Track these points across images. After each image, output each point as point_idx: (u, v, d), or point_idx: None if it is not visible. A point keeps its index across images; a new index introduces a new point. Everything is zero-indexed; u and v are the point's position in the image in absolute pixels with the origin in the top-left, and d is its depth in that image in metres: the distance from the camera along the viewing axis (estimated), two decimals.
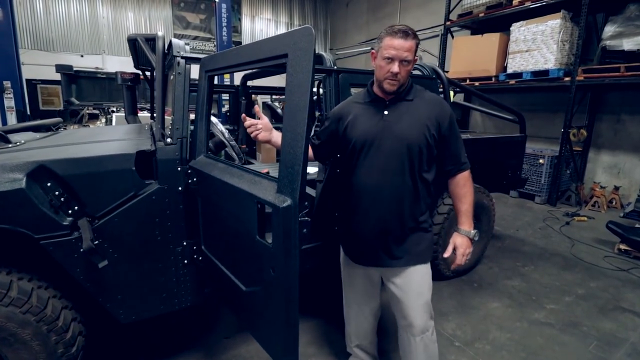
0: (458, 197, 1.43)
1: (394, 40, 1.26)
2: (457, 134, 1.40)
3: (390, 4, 9.62)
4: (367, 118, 1.38)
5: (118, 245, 1.34)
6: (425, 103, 1.37)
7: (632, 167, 5.33)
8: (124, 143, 1.56)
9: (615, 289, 2.87)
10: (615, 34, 4.49)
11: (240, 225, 1.14)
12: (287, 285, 0.93)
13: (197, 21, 10.40)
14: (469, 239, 1.41)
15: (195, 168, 1.40)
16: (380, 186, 1.35)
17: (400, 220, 1.37)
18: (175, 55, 1.38)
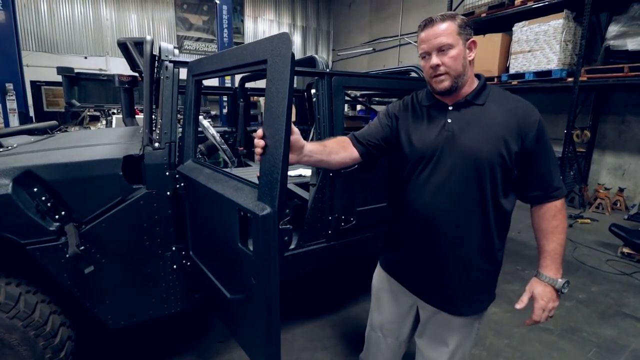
0: (544, 233, 1.08)
1: (422, 33, 1.06)
2: (547, 149, 1.05)
3: (393, 5, 9.59)
4: (426, 127, 1.12)
5: (105, 250, 1.34)
6: (503, 108, 1.06)
7: (637, 168, 5.24)
8: (113, 147, 1.55)
9: (617, 293, 2.82)
10: (619, 33, 4.42)
11: (224, 232, 1.12)
12: (268, 294, 0.91)
13: (200, 23, 10.45)
14: (554, 290, 1.07)
15: (182, 173, 1.40)
16: (437, 211, 1.08)
17: (459, 258, 1.09)
18: (163, 59, 1.38)
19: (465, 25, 1.05)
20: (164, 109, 1.38)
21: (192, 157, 1.45)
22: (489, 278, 1.14)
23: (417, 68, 2.39)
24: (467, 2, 6.17)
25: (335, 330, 2.23)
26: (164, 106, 1.38)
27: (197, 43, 10.56)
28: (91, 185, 1.28)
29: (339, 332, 2.21)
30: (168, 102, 1.39)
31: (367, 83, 1.90)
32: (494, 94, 1.10)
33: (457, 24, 1.03)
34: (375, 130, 1.23)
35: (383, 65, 9.78)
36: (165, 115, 1.39)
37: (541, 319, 1.09)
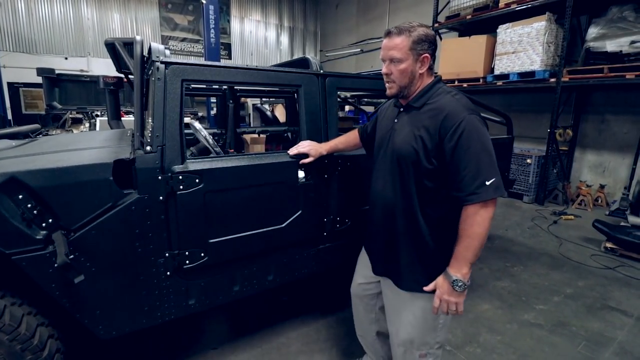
0: (458, 233, 1.14)
1: (383, 40, 1.21)
2: (466, 152, 1.08)
3: (380, 6, 9.67)
4: (384, 124, 1.37)
5: (95, 258, 1.29)
6: (432, 111, 1.16)
7: (616, 165, 5.44)
8: (102, 151, 1.50)
9: (602, 287, 2.91)
10: (598, 35, 4.58)
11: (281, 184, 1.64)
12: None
13: (185, 23, 10.28)
14: (449, 285, 1.14)
15: (202, 169, 1.44)
16: (381, 197, 1.32)
17: (392, 238, 1.29)
18: (154, 60, 1.34)
19: (420, 41, 1.15)
20: (155, 111, 1.34)
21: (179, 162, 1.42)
22: (420, 260, 1.23)
23: None
24: (452, 4, 6.27)
25: (331, 332, 2.22)
26: (155, 109, 1.34)
27: (183, 43, 10.38)
28: (80, 191, 1.23)
29: (335, 334, 2.20)
30: (159, 105, 1.35)
31: (360, 84, 1.91)
32: (437, 97, 1.19)
33: (411, 40, 1.14)
34: (370, 130, 1.54)
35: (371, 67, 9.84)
36: (157, 118, 1.35)
37: (439, 307, 1.18)
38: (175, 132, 1.39)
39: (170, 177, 1.38)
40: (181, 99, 1.39)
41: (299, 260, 1.87)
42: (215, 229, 1.53)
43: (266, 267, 1.77)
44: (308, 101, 1.72)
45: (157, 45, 1.36)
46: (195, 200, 1.44)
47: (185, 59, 1.69)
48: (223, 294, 1.64)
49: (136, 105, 1.30)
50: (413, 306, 1.29)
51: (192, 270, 1.51)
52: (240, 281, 1.69)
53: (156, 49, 1.35)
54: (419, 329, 1.29)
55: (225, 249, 1.57)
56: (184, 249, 1.47)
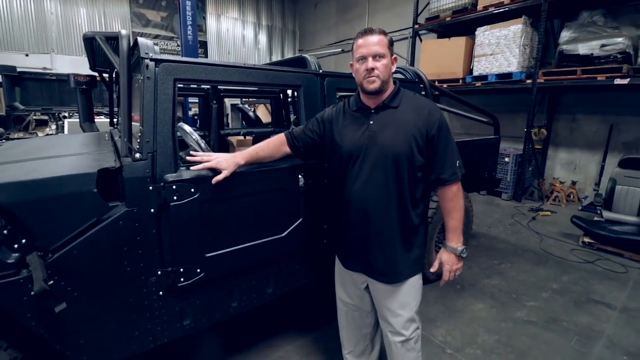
0: (445, 212, 1.36)
1: (360, 39, 1.26)
2: (446, 141, 1.30)
3: (359, 6, 9.69)
4: (353, 128, 1.34)
5: (78, 282, 1.14)
6: (412, 109, 1.29)
7: (586, 163, 5.73)
8: (81, 159, 1.34)
9: (585, 281, 3.02)
10: (570, 39, 4.78)
11: (282, 191, 1.52)
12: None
13: (158, 19, 9.83)
14: (455, 256, 1.36)
15: (197, 177, 1.31)
16: (367, 199, 1.30)
17: (387, 234, 1.31)
18: (143, 57, 1.20)
19: (392, 44, 1.30)
20: (145, 114, 1.21)
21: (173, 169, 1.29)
22: (412, 249, 1.35)
23: (402, 69, 2.38)
24: (432, 6, 6.36)
25: (330, 341, 2.14)
26: (144, 111, 1.21)
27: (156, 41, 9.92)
28: (59, 206, 1.08)
29: (334, 343, 2.11)
30: (149, 107, 1.22)
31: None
32: (406, 97, 1.33)
33: (387, 40, 1.27)
34: (304, 136, 1.48)
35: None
36: (147, 122, 1.21)
37: (449, 278, 1.38)
38: (168, 137, 1.26)
39: (163, 187, 1.25)
40: (173, 100, 1.26)
41: (299, 269, 1.78)
42: (212, 241, 1.41)
43: (265, 280, 1.67)
44: (308, 102, 1.64)
45: (145, 41, 1.23)
46: (190, 212, 1.32)
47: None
48: (220, 311, 1.53)
49: (123, 107, 1.16)
50: (407, 294, 1.38)
51: (188, 288, 1.39)
52: (238, 296, 1.58)
53: (144, 45, 1.21)
54: (411, 315, 1.40)
55: (223, 263, 1.45)
56: (178, 265, 1.34)
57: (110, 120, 2.85)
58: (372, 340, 1.60)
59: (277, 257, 1.65)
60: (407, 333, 1.41)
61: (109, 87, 2.66)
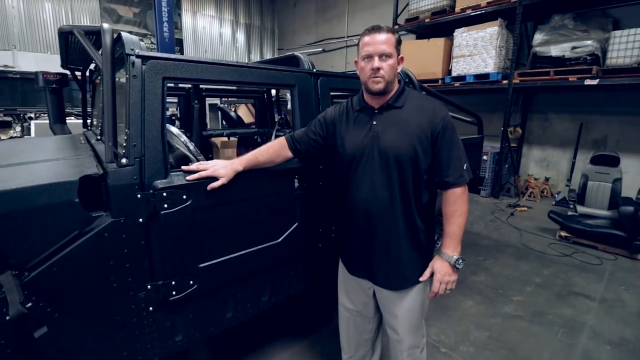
0: (445, 216, 1.27)
1: (367, 37, 1.21)
2: (451, 142, 1.23)
3: (339, 6, 9.69)
4: (356, 129, 1.29)
5: (60, 302, 1.03)
6: (416, 109, 1.24)
7: (558, 160, 6.00)
8: (58, 165, 1.22)
9: (565, 274, 3.14)
10: (543, 41, 4.99)
11: (277, 195, 1.46)
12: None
13: (130, 15, 9.39)
14: (450, 266, 1.25)
15: (190, 183, 1.22)
16: (371, 202, 1.25)
17: (392, 240, 1.27)
18: (128, 53, 1.10)
19: (399, 43, 1.25)
20: (131, 116, 1.11)
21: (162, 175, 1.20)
22: (418, 254, 1.30)
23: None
24: (411, 7, 6.45)
25: (325, 346, 2.10)
26: (131, 113, 1.11)
27: None
28: (35, 220, 0.97)
29: (330, 347, 2.08)
30: (136, 108, 1.12)
31: (352, 85, 1.80)
32: (411, 97, 1.29)
33: (395, 39, 1.22)
34: (307, 138, 1.43)
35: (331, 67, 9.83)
36: (134, 124, 1.12)
37: (439, 291, 1.27)
38: (157, 141, 1.17)
39: (152, 194, 1.16)
40: (162, 100, 1.17)
41: (295, 276, 1.73)
42: (205, 251, 1.33)
43: (260, 288, 1.60)
44: (302, 102, 1.58)
45: (130, 36, 1.13)
46: (182, 220, 1.23)
47: None
48: (214, 323, 1.45)
49: (107, 107, 1.06)
50: (412, 301, 1.33)
51: (180, 301, 1.30)
52: (233, 307, 1.50)
53: (129, 40, 1.12)
54: (418, 322, 1.36)
55: (217, 272, 1.37)
56: (169, 278, 1.25)
57: (84, 121, 2.66)
58: (373, 345, 1.57)
59: (272, 264, 1.58)
60: (414, 341, 1.37)
61: (81, 86, 2.49)
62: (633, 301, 2.70)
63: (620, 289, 2.88)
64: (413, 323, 1.35)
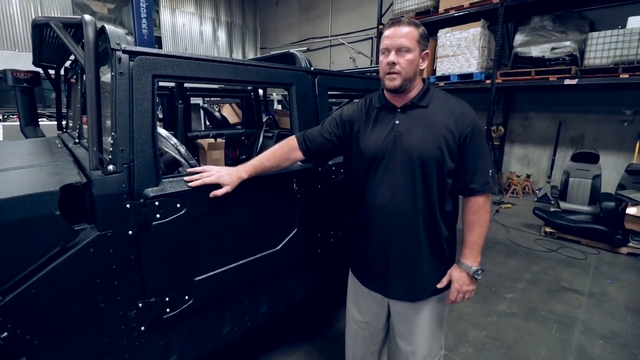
0: (466, 225, 1.20)
1: (388, 30, 1.14)
2: (478, 147, 1.15)
3: (322, 6, 9.63)
4: (377, 128, 1.21)
5: (40, 328, 0.91)
6: (443, 109, 1.16)
7: (538, 157, 6.19)
8: (35, 173, 1.09)
9: (553, 270, 3.21)
10: (524, 42, 5.11)
11: (276, 200, 1.39)
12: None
13: (105, 11, 8.97)
14: (468, 276, 1.20)
15: (184, 191, 1.12)
16: (391, 208, 1.16)
17: (413, 248, 1.19)
18: (114, 48, 0.99)
19: (424, 37, 1.16)
20: (118, 117, 1.00)
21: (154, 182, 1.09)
22: (440, 264, 1.23)
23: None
24: (396, 7, 6.47)
25: (324, 354, 2.04)
26: (118, 114, 1.00)
27: None
28: (11, 236, 0.85)
29: (329, 355, 2.02)
30: (124, 108, 1.01)
31: (350, 83, 1.74)
32: (437, 96, 1.21)
33: (419, 33, 1.13)
34: (321, 138, 1.32)
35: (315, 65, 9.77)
36: (121, 127, 1.01)
37: (457, 300, 1.23)
38: (147, 145, 1.06)
39: (143, 203, 1.05)
40: (153, 100, 1.06)
41: (293, 284, 1.65)
42: (201, 263, 1.23)
43: (259, 298, 1.51)
44: (300, 102, 1.50)
45: (115, 29, 1.01)
46: (176, 231, 1.13)
47: None
48: (211, 339, 1.35)
49: (90, 108, 0.94)
50: (430, 312, 1.26)
51: (174, 318, 1.20)
52: (230, 320, 1.41)
53: (115, 34, 1.00)
54: (436, 333, 1.29)
55: (214, 285, 1.28)
56: (163, 294, 1.14)
57: (58, 123, 2.48)
58: (380, 356, 1.50)
59: (271, 273, 1.50)
60: (428, 353, 1.29)
61: (55, 85, 2.30)
62: (619, 294, 2.78)
63: (605, 282, 2.97)
64: (430, 334, 1.28)
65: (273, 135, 3.45)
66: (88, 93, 0.93)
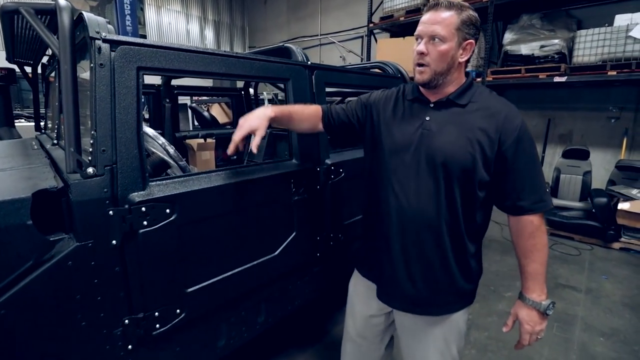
0: (522, 251, 1.04)
1: (425, 15, 1.01)
2: (528, 158, 0.98)
3: (311, 4, 9.56)
4: (404, 122, 1.08)
5: (11, 354, 0.80)
6: (484, 110, 1.00)
7: None
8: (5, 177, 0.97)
9: (549, 266, 3.15)
10: (513, 40, 5.13)
11: (273, 202, 1.33)
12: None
13: (87, 8, 8.67)
14: (539, 314, 1.02)
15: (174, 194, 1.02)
16: (409, 212, 1.03)
17: (432, 260, 1.04)
18: (93, 36, 0.88)
19: (469, 24, 0.99)
20: (99, 114, 0.89)
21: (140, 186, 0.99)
22: (460, 280, 1.06)
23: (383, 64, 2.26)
24: (386, 6, 6.44)
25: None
26: (98, 110, 0.89)
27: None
28: None
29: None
30: (105, 104, 0.90)
31: (348, 79, 1.66)
32: (479, 95, 1.05)
33: (460, 19, 0.97)
34: (343, 115, 1.23)
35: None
36: (102, 125, 0.90)
37: (529, 343, 1.06)
38: (132, 144, 0.96)
39: (128, 210, 0.95)
40: (138, 95, 0.96)
41: (292, 290, 1.56)
42: (193, 273, 1.13)
43: (256, 308, 1.42)
44: (297, 97, 1.42)
45: (94, 17, 0.90)
46: (166, 239, 1.03)
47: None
48: (206, 354, 1.25)
49: (67, 105, 0.83)
50: (449, 332, 1.11)
51: (165, 334, 1.09)
52: (226, 333, 1.31)
53: (94, 21, 0.89)
54: (452, 354, 1.12)
55: (208, 296, 1.18)
56: (152, 308, 1.04)
57: (36, 124, 2.33)
58: None
59: (269, 280, 1.41)
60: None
61: (32, 83, 2.15)
62: (614, 290, 2.79)
63: (601, 278, 2.98)
64: (444, 353, 1.12)
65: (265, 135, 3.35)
66: (64, 87, 0.82)
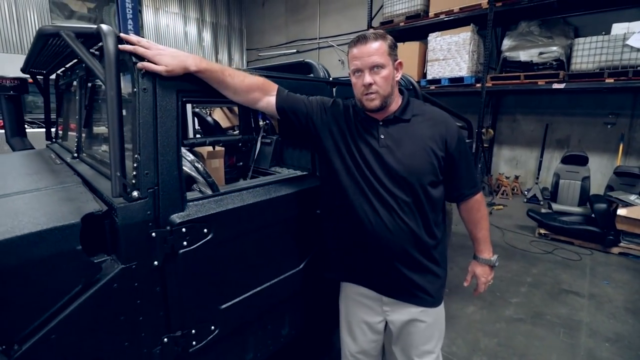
0: (473, 223, 1.30)
1: (354, 49, 1.09)
2: (467, 154, 1.22)
3: (309, 7, 9.57)
4: (363, 138, 1.16)
5: None
6: (427, 121, 1.17)
7: (526, 159, 6.35)
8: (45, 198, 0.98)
9: (551, 272, 3.27)
10: (512, 46, 5.23)
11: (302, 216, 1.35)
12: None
13: (84, 10, 8.58)
14: (489, 267, 1.35)
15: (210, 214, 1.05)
16: (383, 223, 1.13)
17: (408, 258, 1.17)
18: (136, 62, 0.90)
19: (394, 47, 1.12)
20: (142, 138, 0.91)
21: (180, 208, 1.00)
22: (431, 272, 1.21)
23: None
24: (386, 11, 6.50)
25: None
26: (142, 134, 0.91)
27: None
28: (26, 279, 0.75)
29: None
30: (148, 128, 0.92)
31: None
32: (418, 107, 1.21)
33: (387, 45, 1.09)
34: (297, 106, 1.22)
35: None
36: (145, 148, 0.91)
37: (484, 290, 1.38)
38: (173, 167, 0.97)
39: (170, 231, 0.96)
40: (178, 118, 0.98)
41: (313, 303, 1.58)
42: (226, 289, 1.15)
43: (280, 321, 1.44)
44: None
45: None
46: (203, 258, 1.05)
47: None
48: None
49: (112, 130, 0.84)
50: (432, 325, 1.27)
51: (199, 351, 1.11)
52: (253, 346, 1.33)
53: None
54: (433, 349, 1.29)
55: (239, 312, 1.20)
56: (189, 326, 1.06)
57: (47, 133, 2.31)
58: None
59: (293, 293, 1.43)
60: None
61: (44, 92, 2.15)
62: (617, 295, 2.85)
63: (602, 283, 3.05)
64: (428, 351, 1.27)
65: (271, 141, 3.36)
66: (109, 114, 0.83)
